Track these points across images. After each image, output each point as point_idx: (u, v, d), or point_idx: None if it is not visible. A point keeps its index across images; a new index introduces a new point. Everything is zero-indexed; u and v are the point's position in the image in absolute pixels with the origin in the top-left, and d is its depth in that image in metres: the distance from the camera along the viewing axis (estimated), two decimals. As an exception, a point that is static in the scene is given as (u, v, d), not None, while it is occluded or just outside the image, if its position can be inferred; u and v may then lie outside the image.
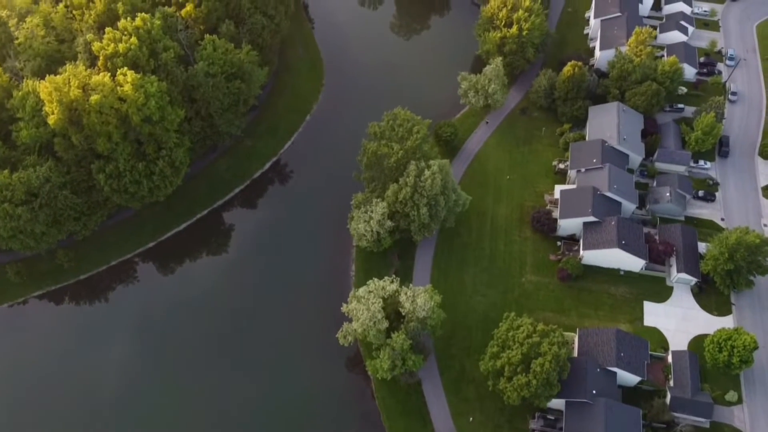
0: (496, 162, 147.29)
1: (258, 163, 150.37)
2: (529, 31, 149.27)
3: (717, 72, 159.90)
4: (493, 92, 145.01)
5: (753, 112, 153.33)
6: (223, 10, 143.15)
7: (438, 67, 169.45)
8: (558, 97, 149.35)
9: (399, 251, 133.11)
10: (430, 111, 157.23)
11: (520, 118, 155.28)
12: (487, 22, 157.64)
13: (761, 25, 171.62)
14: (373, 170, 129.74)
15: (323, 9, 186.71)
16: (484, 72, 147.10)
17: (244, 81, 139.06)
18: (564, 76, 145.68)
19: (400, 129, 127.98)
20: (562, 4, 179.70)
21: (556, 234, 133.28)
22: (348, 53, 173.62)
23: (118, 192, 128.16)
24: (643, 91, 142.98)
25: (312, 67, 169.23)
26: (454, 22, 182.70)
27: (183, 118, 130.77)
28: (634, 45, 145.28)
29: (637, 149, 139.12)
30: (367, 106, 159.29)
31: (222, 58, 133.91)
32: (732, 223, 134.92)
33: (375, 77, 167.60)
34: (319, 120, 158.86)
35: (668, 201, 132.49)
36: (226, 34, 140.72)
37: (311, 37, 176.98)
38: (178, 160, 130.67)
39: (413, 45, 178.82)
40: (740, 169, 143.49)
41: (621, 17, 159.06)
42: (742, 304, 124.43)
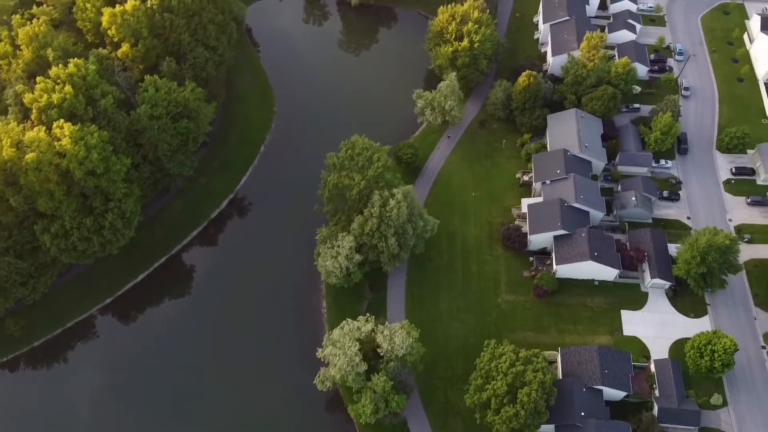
0: (459, 179, 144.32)
1: (214, 201, 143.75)
2: (480, 44, 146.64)
3: (668, 68, 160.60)
4: (450, 108, 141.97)
5: (706, 105, 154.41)
6: (162, 47, 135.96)
7: (391, 83, 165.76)
8: (515, 107, 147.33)
9: (370, 282, 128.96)
10: (387, 130, 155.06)
11: (480, 131, 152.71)
12: (436, 35, 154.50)
13: (705, 17, 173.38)
14: (335, 202, 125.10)
15: (267, 30, 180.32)
16: (439, 88, 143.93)
17: (192, 120, 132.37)
18: (519, 87, 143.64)
19: (360, 158, 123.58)
20: (510, 9, 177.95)
21: (527, 249, 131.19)
22: (297, 75, 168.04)
23: (66, 251, 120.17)
24: (599, 96, 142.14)
25: (261, 94, 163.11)
26: (402, 34, 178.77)
27: (129, 166, 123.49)
28: (586, 50, 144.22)
29: (599, 155, 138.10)
30: (322, 130, 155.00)
31: (165, 98, 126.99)
32: (698, 221, 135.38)
33: (327, 98, 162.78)
34: (275, 150, 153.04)
35: (635, 206, 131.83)
36: (167, 72, 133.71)
37: (257, 62, 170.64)
38: (128, 211, 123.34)
39: (363, 61, 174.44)
40: (701, 165, 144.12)
41: (570, 21, 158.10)
42: (716, 302, 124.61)
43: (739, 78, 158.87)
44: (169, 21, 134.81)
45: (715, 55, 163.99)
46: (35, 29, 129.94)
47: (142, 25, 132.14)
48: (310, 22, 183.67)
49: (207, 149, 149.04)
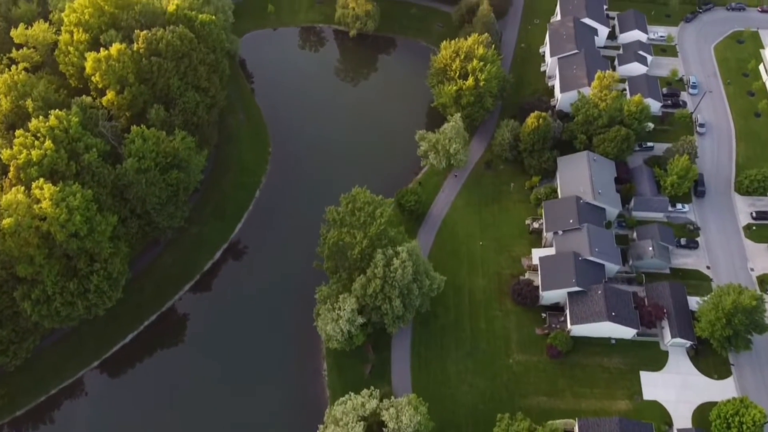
0: (465, 226, 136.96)
1: (207, 252, 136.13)
2: (486, 82, 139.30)
3: (682, 103, 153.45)
4: (455, 152, 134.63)
5: (723, 143, 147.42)
6: (150, 92, 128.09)
7: (392, 118, 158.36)
8: (523, 149, 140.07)
9: (373, 342, 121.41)
10: (388, 170, 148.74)
11: (486, 172, 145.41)
12: (439, 72, 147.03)
13: (719, 47, 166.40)
14: (335, 260, 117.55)
15: (261, 62, 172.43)
16: (443, 130, 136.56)
17: (182, 170, 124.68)
18: (528, 129, 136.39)
19: (361, 213, 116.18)
20: (515, 39, 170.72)
21: (539, 304, 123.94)
22: (293, 111, 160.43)
23: (48, 317, 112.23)
24: (612, 137, 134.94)
25: (255, 133, 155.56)
26: (404, 66, 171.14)
27: (116, 223, 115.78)
28: (597, 89, 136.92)
29: (614, 202, 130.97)
30: (321, 170, 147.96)
31: (154, 149, 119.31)
32: (718, 271, 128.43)
33: (325, 135, 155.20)
34: (271, 194, 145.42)
35: (652, 257, 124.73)
36: (155, 120, 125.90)
37: (251, 97, 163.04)
38: (115, 271, 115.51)
39: (363, 94, 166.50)
40: (719, 209, 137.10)
41: (578, 54, 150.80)
42: (741, 362, 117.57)
43: (756, 113, 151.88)
44: (157, 65, 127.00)
45: (730, 88, 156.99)
46: (14, 77, 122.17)
47: (129, 70, 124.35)
48: (306, 53, 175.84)
49: (199, 196, 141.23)
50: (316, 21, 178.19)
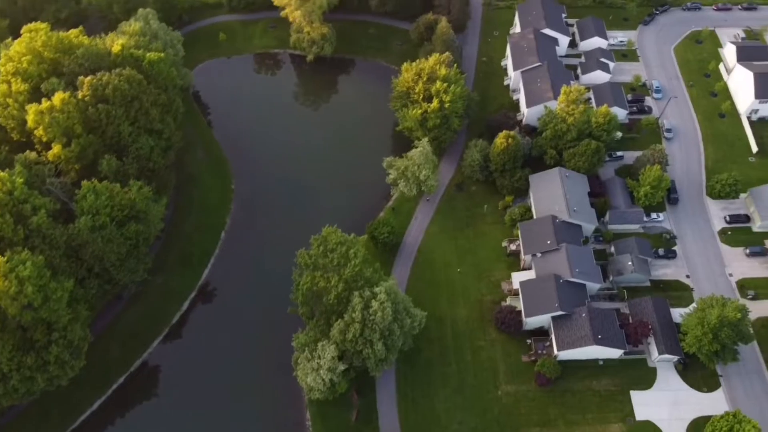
0: (442, 253, 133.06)
1: (174, 303, 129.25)
2: (451, 103, 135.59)
3: (647, 108, 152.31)
4: (426, 178, 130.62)
5: (691, 147, 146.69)
6: (100, 142, 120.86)
7: (358, 143, 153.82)
8: (494, 169, 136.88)
9: (357, 386, 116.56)
10: (358, 200, 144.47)
11: (458, 195, 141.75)
12: (402, 95, 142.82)
13: (678, 48, 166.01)
14: (310, 305, 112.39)
15: (217, 93, 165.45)
16: (411, 156, 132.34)
17: (141, 221, 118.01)
18: (497, 149, 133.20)
19: (334, 255, 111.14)
20: (476, 53, 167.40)
21: (523, 329, 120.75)
22: (254, 143, 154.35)
23: (5, 395, 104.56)
24: (583, 151, 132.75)
25: (216, 170, 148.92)
26: (365, 88, 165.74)
27: (72, 287, 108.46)
28: (564, 104, 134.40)
29: (589, 217, 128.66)
30: (288, 204, 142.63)
31: (108, 204, 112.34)
32: (698, 279, 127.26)
33: (289, 167, 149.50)
34: (237, 235, 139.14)
35: (632, 271, 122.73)
36: (108, 171, 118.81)
37: (209, 132, 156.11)
38: (76, 338, 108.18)
39: (326, 120, 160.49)
40: (693, 215, 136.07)
41: (541, 67, 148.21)
42: (728, 373, 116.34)
43: (720, 114, 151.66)
44: (105, 112, 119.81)
45: (693, 90, 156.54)
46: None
47: (74, 121, 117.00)
48: (263, 81, 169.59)
49: (160, 243, 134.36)
50: (271, 46, 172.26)
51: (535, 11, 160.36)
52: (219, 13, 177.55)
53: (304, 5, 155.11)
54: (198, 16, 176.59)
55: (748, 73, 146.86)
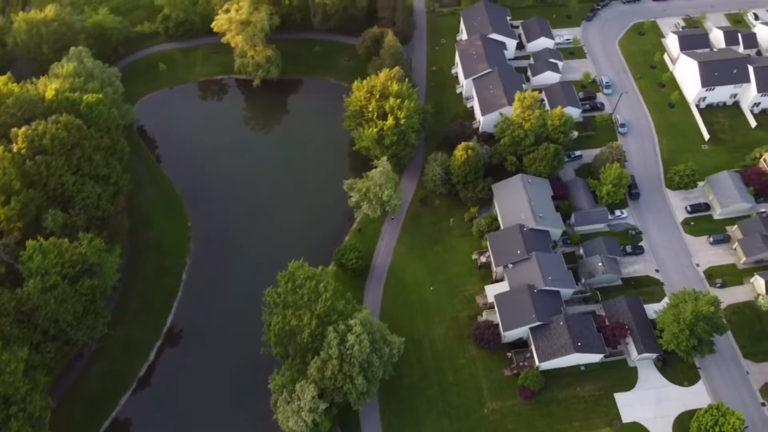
0: (413, 272, 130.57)
1: (140, 354, 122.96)
2: (406, 119, 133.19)
3: (600, 105, 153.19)
4: (389, 198, 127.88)
5: (645, 140, 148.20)
6: (42, 196, 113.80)
7: (315, 165, 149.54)
8: (457, 182, 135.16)
9: (340, 422, 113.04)
10: (321, 225, 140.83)
11: (422, 210, 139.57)
12: (356, 114, 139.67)
13: (623, 41, 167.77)
14: (284, 345, 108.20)
15: (163, 126, 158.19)
16: (372, 176, 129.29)
17: (95, 275, 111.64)
18: (458, 162, 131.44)
19: (304, 290, 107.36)
20: (425, 62, 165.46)
21: (503, 342, 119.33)
22: (207, 176, 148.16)
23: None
24: (542, 156, 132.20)
25: (170, 209, 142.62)
26: (317, 107, 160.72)
27: (27, 356, 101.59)
28: (519, 110, 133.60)
29: (556, 222, 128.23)
30: (249, 238, 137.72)
31: (57, 262, 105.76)
32: (666, 272, 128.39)
33: (247, 197, 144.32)
34: (199, 276, 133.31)
35: (603, 272, 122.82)
36: (54, 226, 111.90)
37: (158, 169, 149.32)
38: (37, 409, 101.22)
39: (280, 144, 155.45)
40: (655, 209, 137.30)
41: (492, 73, 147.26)
42: (706, 364, 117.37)
43: (670, 104, 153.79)
44: (45, 164, 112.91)
45: (642, 82, 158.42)
46: None
47: (11, 177, 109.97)
48: (210, 109, 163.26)
49: (119, 293, 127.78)
50: (215, 73, 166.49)
51: (480, 16, 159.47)
52: (156, 43, 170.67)
53: (245, 30, 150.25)
54: (134, 47, 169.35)
55: (693, 62, 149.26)
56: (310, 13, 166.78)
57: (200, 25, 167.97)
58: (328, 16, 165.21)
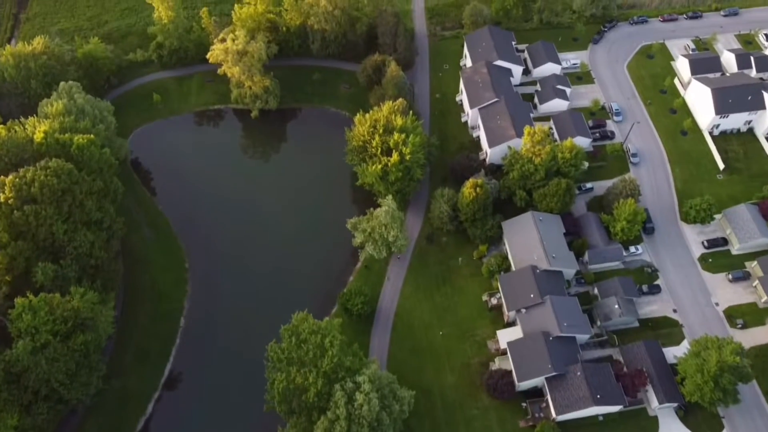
0: (420, 315, 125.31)
1: (137, 408, 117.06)
2: (411, 155, 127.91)
3: (610, 134, 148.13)
4: (395, 239, 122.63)
5: (658, 170, 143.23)
6: (32, 248, 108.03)
7: (316, 200, 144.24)
8: (464, 219, 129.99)
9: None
10: (323, 264, 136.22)
11: (429, 248, 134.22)
12: (359, 149, 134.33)
13: (631, 65, 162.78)
14: (289, 403, 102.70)
15: (158, 159, 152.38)
16: (377, 216, 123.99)
17: (89, 329, 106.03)
18: (466, 200, 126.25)
19: (308, 345, 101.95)
20: (428, 89, 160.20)
21: (516, 391, 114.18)
22: (204, 212, 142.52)
23: None
24: (554, 192, 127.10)
25: (167, 249, 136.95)
26: (318, 137, 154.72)
27: (18, 421, 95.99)
28: (529, 145, 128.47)
29: (569, 262, 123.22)
30: (249, 279, 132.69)
31: (47, 319, 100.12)
32: (685, 312, 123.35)
33: (245, 234, 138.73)
34: (198, 321, 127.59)
35: (620, 315, 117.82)
36: (44, 280, 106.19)
37: (153, 206, 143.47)
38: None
39: (279, 178, 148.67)
40: (671, 243, 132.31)
41: (499, 103, 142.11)
42: (730, 413, 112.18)
43: (682, 131, 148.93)
44: (33, 214, 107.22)
45: (652, 108, 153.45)
46: None
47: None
48: (206, 141, 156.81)
49: (113, 342, 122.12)
50: (211, 102, 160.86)
51: (485, 42, 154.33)
52: (149, 71, 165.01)
53: (242, 60, 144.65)
54: (127, 76, 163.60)
55: (705, 89, 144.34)
56: (309, 40, 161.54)
57: (195, 52, 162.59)
58: (327, 42, 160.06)
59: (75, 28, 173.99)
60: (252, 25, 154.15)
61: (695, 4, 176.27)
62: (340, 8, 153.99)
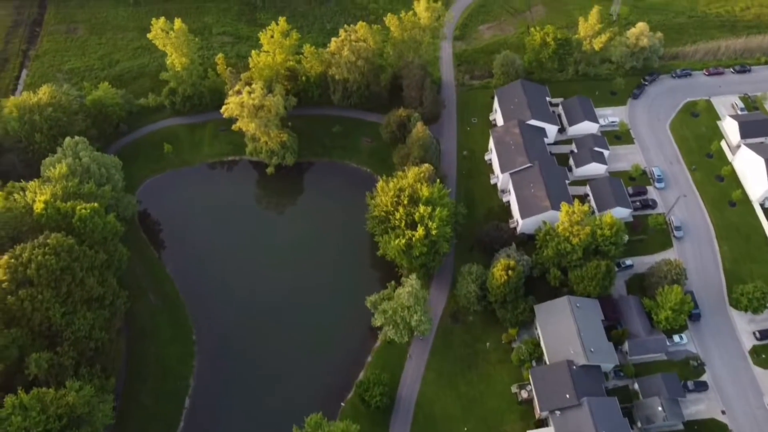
0: (443, 406, 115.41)
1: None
2: (438, 229, 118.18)
3: (651, 203, 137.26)
4: (417, 323, 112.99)
5: (704, 246, 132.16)
6: (27, 334, 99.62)
7: (332, 265, 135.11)
8: (494, 301, 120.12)
9: None
10: (339, 337, 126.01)
11: (454, 328, 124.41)
12: (381, 219, 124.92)
13: (674, 123, 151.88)
14: None
15: (166, 216, 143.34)
16: (399, 295, 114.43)
17: (84, 423, 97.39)
18: (497, 282, 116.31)
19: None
20: (455, 146, 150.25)
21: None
22: (213, 275, 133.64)
23: None
24: (592, 275, 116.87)
25: (173, 318, 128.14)
26: (336, 195, 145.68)
27: None
28: (567, 224, 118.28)
29: (608, 355, 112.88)
30: (260, 354, 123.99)
31: (39, 419, 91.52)
32: (734, 414, 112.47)
33: (256, 301, 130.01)
34: (204, 402, 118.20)
35: (664, 419, 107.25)
36: (38, 371, 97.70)
37: (160, 268, 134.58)
38: None
39: (293, 239, 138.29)
40: (718, 332, 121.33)
41: (533, 168, 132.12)
42: None
43: (730, 202, 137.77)
44: (29, 298, 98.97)
45: (697, 174, 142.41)
46: None
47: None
48: (219, 197, 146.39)
49: (113, 426, 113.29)
50: (225, 153, 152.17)
51: (517, 98, 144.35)
52: (161, 117, 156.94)
53: (258, 116, 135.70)
54: (137, 122, 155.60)
55: (758, 158, 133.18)
56: (329, 90, 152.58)
57: (209, 99, 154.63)
58: (349, 92, 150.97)
59: (85, 67, 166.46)
60: (269, 74, 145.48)
61: (743, 56, 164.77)
62: (364, 58, 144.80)
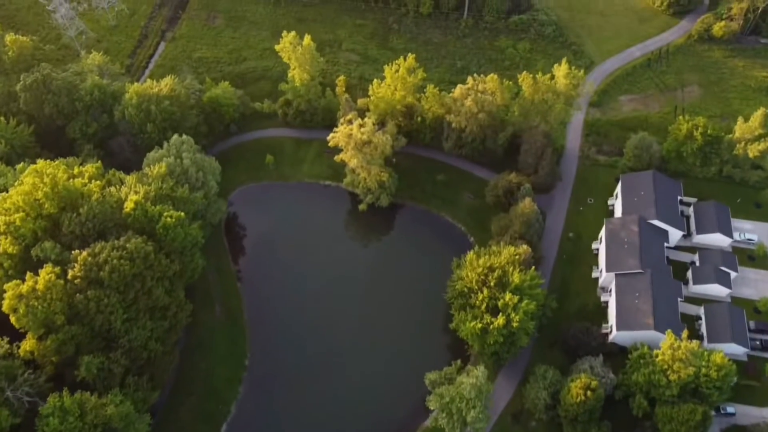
0: None
1: None
2: (521, 322, 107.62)
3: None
4: (473, 420, 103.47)
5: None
6: (87, 333, 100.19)
7: (400, 319, 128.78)
8: (564, 416, 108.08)
9: None
10: (391, 399, 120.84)
11: (514, 428, 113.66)
12: (463, 294, 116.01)
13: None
14: None
15: (251, 228, 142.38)
16: (461, 385, 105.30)
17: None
18: (572, 399, 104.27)
19: None
20: (561, 225, 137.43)
21: None
22: (280, 302, 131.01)
23: None
24: (684, 419, 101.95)
25: (231, 337, 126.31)
26: (422, 245, 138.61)
27: None
28: (668, 356, 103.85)
29: None
30: (308, 389, 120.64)
31: (75, 425, 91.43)
32: None
33: (316, 338, 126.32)
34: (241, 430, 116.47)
35: None
36: (88, 375, 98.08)
37: (233, 282, 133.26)
38: None
39: (372, 278, 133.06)
40: None
41: (644, 276, 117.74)
42: None
43: None
44: (96, 300, 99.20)
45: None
46: None
47: (56, 310, 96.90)
48: (307, 219, 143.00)
49: None
50: (323, 176, 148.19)
51: (644, 191, 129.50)
52: (272, 125, 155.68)
53: (363, 150, 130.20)
54: (248, 125, 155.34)
55: None
56: (443, 135, 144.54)
57: (321, 117, 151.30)
58: (462, 142, 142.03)
59: (214, 59, 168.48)
60: (385, 109, 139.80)
61: None
62: (486, 111, 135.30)
